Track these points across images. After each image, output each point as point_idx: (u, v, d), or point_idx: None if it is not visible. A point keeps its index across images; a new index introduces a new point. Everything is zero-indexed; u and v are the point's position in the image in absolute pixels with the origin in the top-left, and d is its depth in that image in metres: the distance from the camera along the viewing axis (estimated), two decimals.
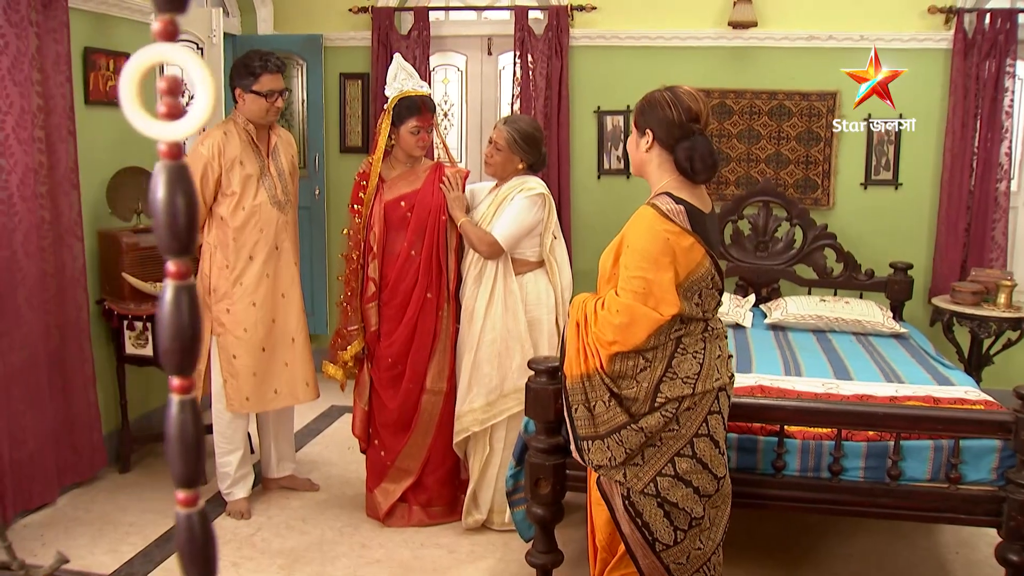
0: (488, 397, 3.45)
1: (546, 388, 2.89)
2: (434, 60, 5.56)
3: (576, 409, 2.44)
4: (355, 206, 3.54)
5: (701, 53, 5.18)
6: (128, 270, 3.88)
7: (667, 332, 2.33)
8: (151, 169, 3.97)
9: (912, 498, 2.84)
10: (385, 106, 3.49)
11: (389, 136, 3.47)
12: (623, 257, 2.33)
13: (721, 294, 2.48)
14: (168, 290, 0.71)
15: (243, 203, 3.52)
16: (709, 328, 2.43)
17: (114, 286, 3.95)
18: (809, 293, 4.94)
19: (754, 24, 4.97)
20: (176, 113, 0.69)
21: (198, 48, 4.48)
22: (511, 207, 3.40)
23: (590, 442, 2.42)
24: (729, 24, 5.01)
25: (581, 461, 2.48)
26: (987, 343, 4.54)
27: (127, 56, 4.18)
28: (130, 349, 3.92)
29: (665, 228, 2.29)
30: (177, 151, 0.70)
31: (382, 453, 3.63)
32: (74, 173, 3.73)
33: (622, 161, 5.38)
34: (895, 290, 4.81)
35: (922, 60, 4.91)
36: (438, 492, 3.64)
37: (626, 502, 2.40)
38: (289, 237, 3.65)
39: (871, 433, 2.92)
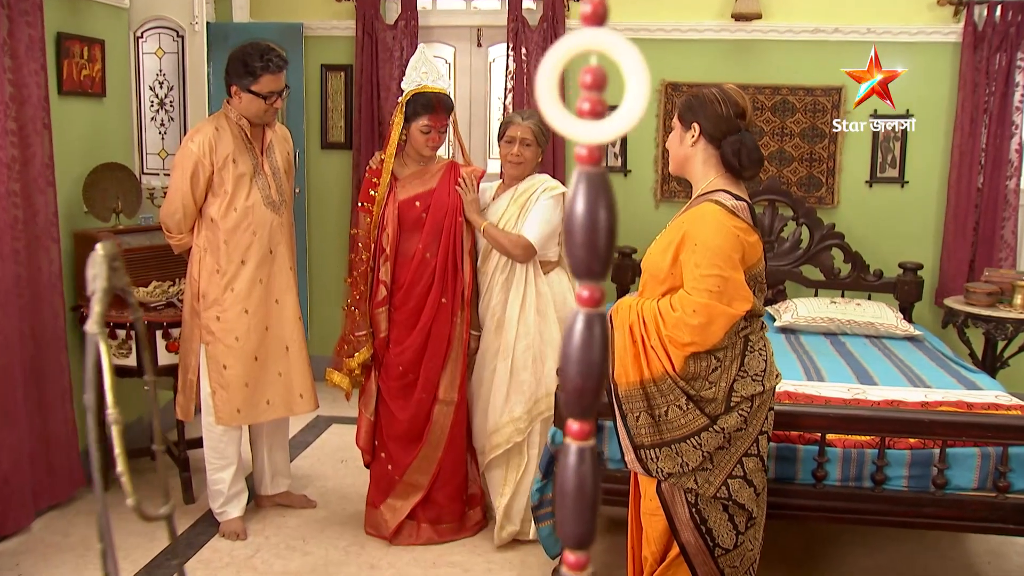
0: (526, 405, 3.40)
1: None
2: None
3: (637, 417, 2.40)
4: (365, 204, 3.44)
5: (702, 46, 5.15)
6: None
7: (736, 330, 2.35)
8: (131, 165, 3.81)
9: (959, 507, 2.83)
10: (399, 99, 3.41)
11: (401, 132, 3.39)
12: (691, 255, 2.31)
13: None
14: (579, 320, 0.62)
15: (235, 204, 3.39)
16: (763, 325, 2.47)
17: None
18: (816, 295, 4.94)
19: (758, 16, 4.95)
20: (600, 111, 0.61)
21: (178, 36, 4.33)
22: (538, 207, 3.36)
23: (656, 450, 2.39)
24: (733, 16, 4.99)
25: (642, 471, 2.43)
26: (1000, 345, 4.57)
27: (102, 43, 4.03)
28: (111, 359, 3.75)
29: (734, 224, 2.32)
30: (598, 155, 0.62)
31: (389, 467, 3.53)
32: (49, 169, 3.57)
33: (619, 158, 5.34)
34: (905, 291, 4.83)
35: (930, 54, 4.94)
36: (448, 508, 3.55)
37: (692, 510, 2.40)
38: (284, 240, 3.53)
39: (913, 440, 2.90)
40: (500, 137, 3.47)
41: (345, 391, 3.58)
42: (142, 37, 4.34)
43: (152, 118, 4.37)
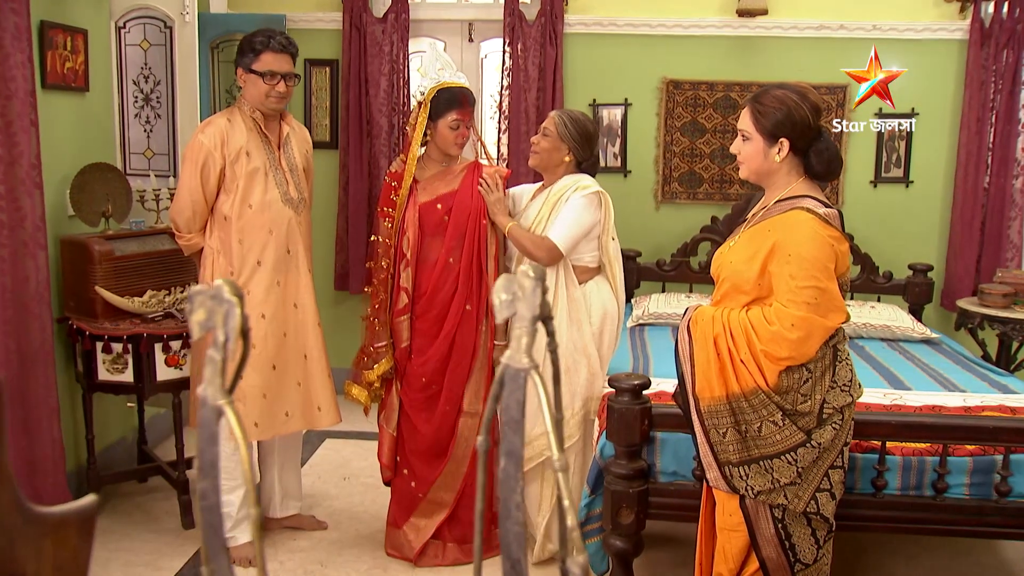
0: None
1: (631, 408, 2.76)
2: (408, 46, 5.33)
3: (723, 433, 2.34)
4: (386, 209, 3.33)
5: (705, 42, 5.13)
6: (101, 283, 3.52)
7: (826, 340, 2.32)
8: (120, 166, 3.61)
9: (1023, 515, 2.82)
10: (421, 99, 3.31)
11: (425, 131, 3.29)
12: (784, 266, 2.27)
13: None
14: None
15: (250, 199, 3.25)
16: (845, 335, 2.43)
17: (82, 302, 3.58)
18: None
19: (764, 12, 4.94)
20: None
21: (166, 27, 4.14)
22: (567, 207, 3.27)
23: (745, 467, 2.34)
24: (737, 12, 4.97)
25: (727, 489, 2.36)
26: (1013, 347, 4.62)
27: (85, 33, 3.83)
28: (104, 375, 3.55)
29: (829, 234, 2.30)
30: None
31: (412, 484, 3.41)
32: (37, 169, 3.36)
33: (619, 158, 5.29)
34: (915, 293, 4.87)
35: (936, 51, 4.98)
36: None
37: (779, 525, 2.36)
38: (303, 240, 3.39)
39: (972, 447, 2.88)
40: None
41: (364, 405, 3.46)
42: (125, 27, 4.14)
43: (136, 115, 4.17)
